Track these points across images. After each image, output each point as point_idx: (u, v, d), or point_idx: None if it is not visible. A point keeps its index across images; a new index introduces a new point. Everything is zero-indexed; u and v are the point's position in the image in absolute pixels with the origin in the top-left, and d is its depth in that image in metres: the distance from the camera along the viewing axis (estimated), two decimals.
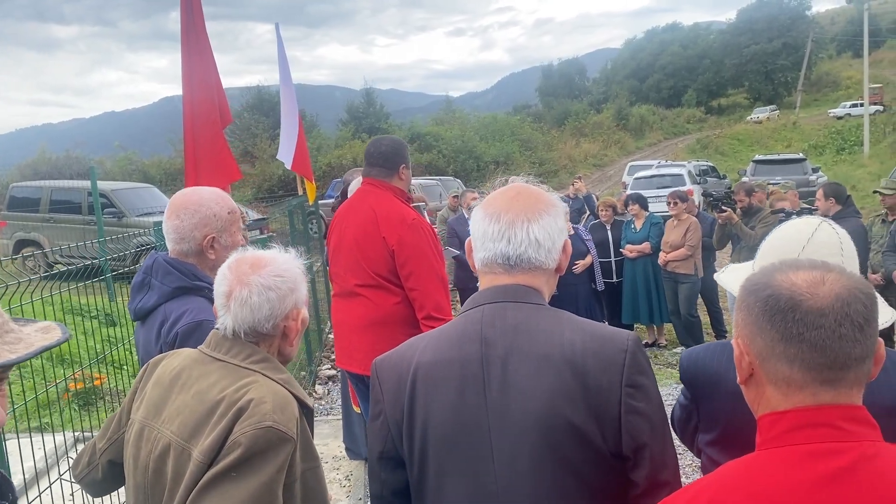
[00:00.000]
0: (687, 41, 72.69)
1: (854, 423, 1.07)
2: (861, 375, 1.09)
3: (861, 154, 35.04)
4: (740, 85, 69.31)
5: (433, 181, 21.21)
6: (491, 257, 1.55)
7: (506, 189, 1.64)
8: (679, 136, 53.20)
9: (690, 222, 7.65)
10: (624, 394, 1.41)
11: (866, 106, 37.53)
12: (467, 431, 1.45)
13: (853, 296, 1.08)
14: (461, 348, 1.50)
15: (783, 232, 1.72)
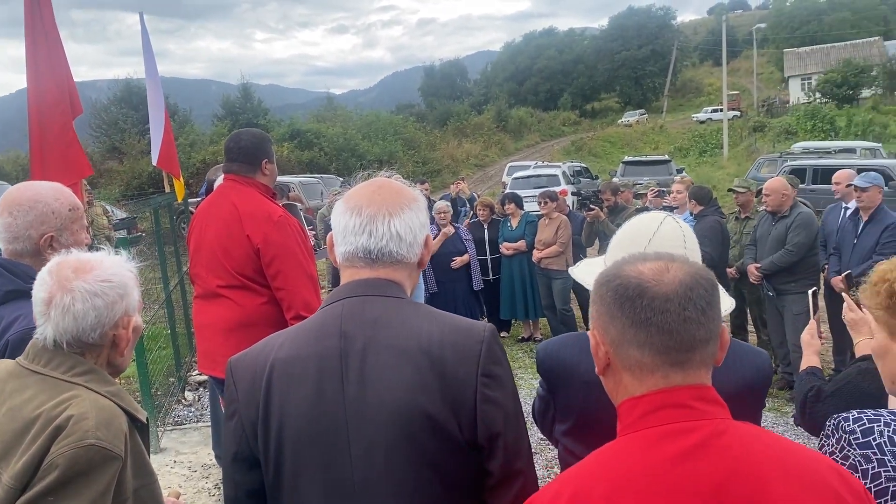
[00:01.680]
0: (563, 46, 75.29)
1: (704, 403, 1.13)
2: (706, 357, 1.15)
3: (721, 156, 37.53)
4: (612, 89, 72.54)
5: (314, 179, 20.87)
6: (352, 251, 1.54)
7: (367, 183, 1.63)
8: (555, 138, 55.01)
9: (561, 220, 7.90)
10: (479, 383, 1.42)
11: (725, 112, 40.23)
12: (324, 427, 1.43)
13: (695, 281, 1.14)
14: (319, 343, 1.47)
15: (631, 226, 1.80)
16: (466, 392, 1.42)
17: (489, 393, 1.43)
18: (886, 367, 1.64)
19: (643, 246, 1.69)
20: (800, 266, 6.12)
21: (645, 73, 67.96)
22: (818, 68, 52.85)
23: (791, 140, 32.56)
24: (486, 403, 1.43)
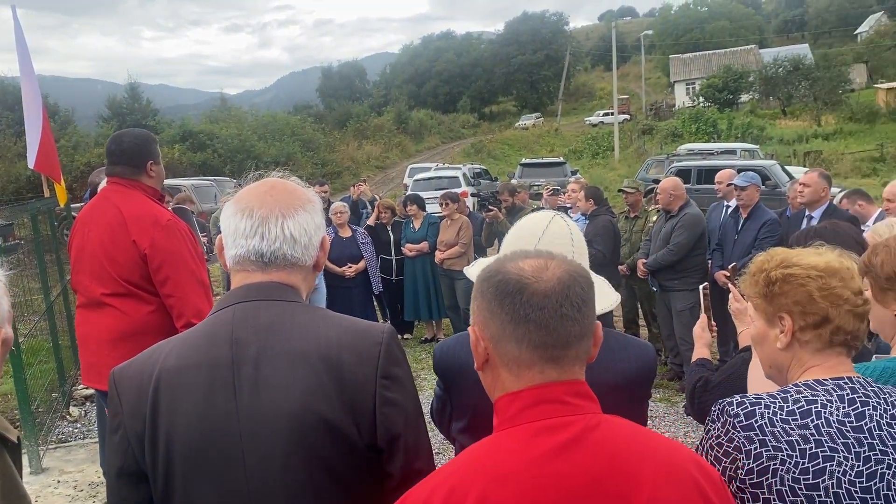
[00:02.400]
0: (460, 49, 76.22)
1: (578, 398, 1.16)
2: (581, 353, 1.19)
3: (613, 158, 38.99)
4: (509, 93, 74.05)
5: (208, 181, 20.20)
6: (244, 254, 1.49)
7: (259, 184, 1.58)
8: (455, 141, 55.60)
9: (462, 221, 7.98)
10: (379, 385, 1.42)
11: (616, 115, 41.85)
12: (216, 439, 1.38)
13: (573, 279, 1.17)
14: (209, 351, 1.42)
15: (521, 226, 1.84)
16: (365, 395, 1.40)
17: (388, 395, 1.42)
18: (764, 352, 1.73)
19: (533, 244, 1.75)
20: (683, 264, 6.39)
21: (540, 77, 69.73)
22: (701, 74, 55.82)
23: (678, 142, 34.18)
24: (385, 405, 1.42)
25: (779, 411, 1.51)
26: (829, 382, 1.56)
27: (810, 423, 1.50)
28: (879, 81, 49.14)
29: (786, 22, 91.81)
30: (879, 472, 1.48)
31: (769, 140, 36.02)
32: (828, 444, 1.48)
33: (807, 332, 1.60)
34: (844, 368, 1.61)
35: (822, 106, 42.97)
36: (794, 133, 38.36)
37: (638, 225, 7.33)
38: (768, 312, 1.67)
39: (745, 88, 48.76)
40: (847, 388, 1.55)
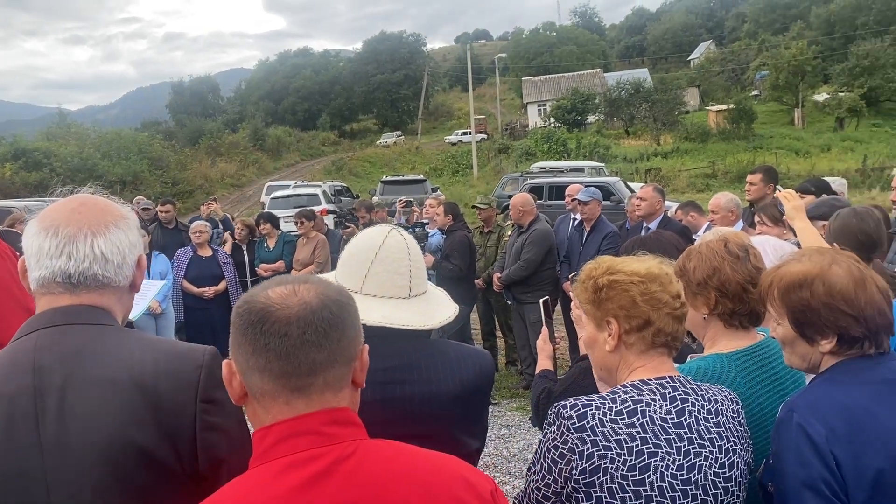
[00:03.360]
0: (319, 67, 75.66)
1: (335, 426, 1.12)
2: (333, 380, 1.13)
3: (472, 175, 39.95)
4: (370, 111, 74.26)
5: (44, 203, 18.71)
6: (49, 276, 1.39)
7: (66, 200, 1.48)
8: (315, 158, 54.92)
9: (319, 239, 7.85)
10: (199, 410, 1.35)
11: (473, 134, 43.00)
12: (14, 475, 1.26)
13: (322, 303, 1.12)
14: (8, 382, 1.31)
15: (358, 241, 1.81)
16: (184, 421, 1.33)
17: (210, 419, 1.36)
18: (595, 356, 1.80)
19: (370, 260, 1.74)
20: (535, 277, 6.63)
21: (400, 96, 70.45)
22: (551, 95, 58.50)
23: (531, 160, 35.57)
24: (206, 431, 1.35)
25: (608, 412, 1.57)
26: (653, 382, 1.64)
27: (636, 421, 1.57)
28: (710, 104, 53.63)
29: (627, 47, 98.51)
30: (698, 464, 1.57)
31: (614, 158, 38.30)
32: (652, 440, 1.55)
33: (632, 334, 1.68)
34: (667, 368, 1.70)
35: (660, 126, 46.22)
36: (637, 152, 41.08)
37: (492, 240, 7.51)
38: (597, 317, 1.74)
39: (591, 110, 51.57)
40: (669, 387, 1.64)
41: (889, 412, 1.62)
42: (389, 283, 1.74)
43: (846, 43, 58.04)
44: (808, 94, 50.09)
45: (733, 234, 2.18)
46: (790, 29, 61.04)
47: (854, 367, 1.69)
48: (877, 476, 1.56)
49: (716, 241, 2.07)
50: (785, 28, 64.97)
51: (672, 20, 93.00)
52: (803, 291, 1.69)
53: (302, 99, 71.00)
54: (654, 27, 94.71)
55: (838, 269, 1.69)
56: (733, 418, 1.68)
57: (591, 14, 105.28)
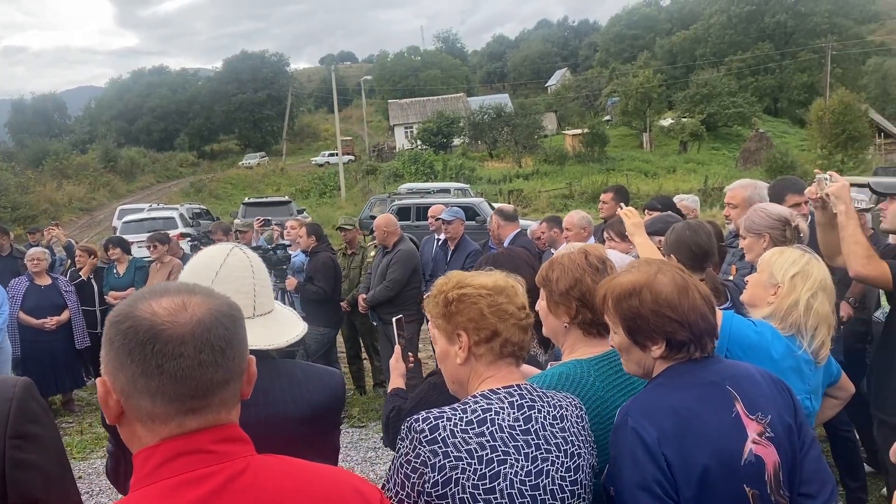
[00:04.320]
0: (176, 85, 72.70)
1: (226, 444, 1.07)
2: (228, 397, 1.10)
3: (339, 197, 39.65)
4: (231, 131, 72.08)
5: None
6: None
7: None
8: (173, 180, 52.57)
9: (174, 264, 7.50)
10: (8, 447, 1.25)
11: (340, 156, 42.77)
12: None
13: (215, 319, 1.07)
14: None
15: (198, 259, 1.76)
16: None
17: (21, 456, 1.26)
18: (447, 369, 1.82)
19: (210, 279, 1.70)
20: (400, 298, 6.65)
21: (263, 116, 68.93)
22: (417, 118, 59.30)
23: (399, 181, 35.85)
24: (16, 468, 1.25)
25: (459, 422, 1.59)
26: (502, 391, 1.69)
27: (486, 430, 1.60)
28: (567, 128, 56.34)
29: (489, 73, 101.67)
30: (545, 469, 1.62)
31: (479, 180, 39.34)
32: (501, 448, 1.59)
33: (480, 346, 1.72)
34: (515, 377, 1.75)
35: (522, 149, 47.97)
36: (500, 173, 42.41)
37: (356, 261, 7.47)
38: (448, 331, 1.77)
39: (456, 133, 52.74)
40: (517, 395, 1.69)
41: (712, 412, 1.74)
42: None
43: (687, 72, 62.88)
44: (655, 120, 53.67)
45: (593, 247, 2.27)
46: (637, 58, 65.26)
47: (682, 370, 1.81)
48: (703, 473, 1.67)
49: (577, 253, 2.16)
50: (633, 57, 69.38)
51: (530, 48, 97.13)
52: (633, 300, 1.79)
53: (158, 118, 67.89)
54: (513, 54, 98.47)
55: (663, 277, 1.80)
56: (577, 423, 1.74)
57: (454, 40, 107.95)
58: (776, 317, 2.35)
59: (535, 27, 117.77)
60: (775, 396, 1.85)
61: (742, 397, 1.78)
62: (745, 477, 1.71)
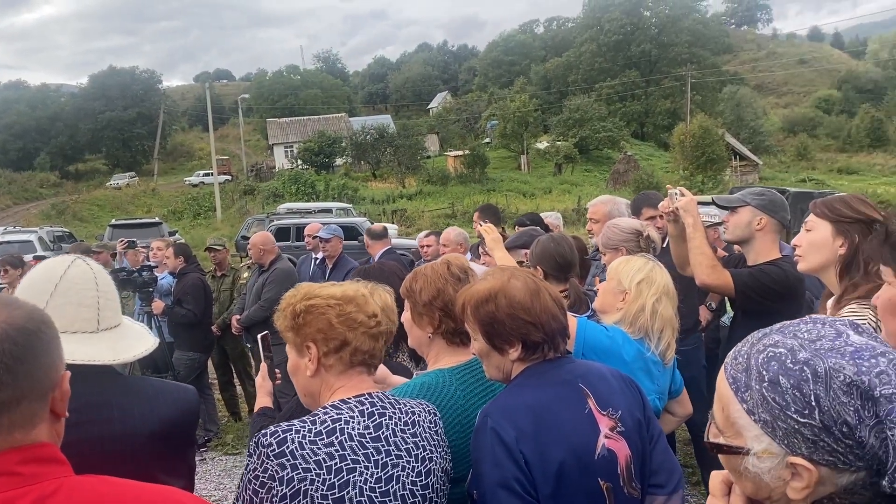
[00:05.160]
0: (35, 101, 68.39)
1: (33, 465, 1.01)
2: (21, 419, 1.02)
3: (215, 218, 38.37)
4: (98, 150, 68.42)
5: None
6: None
7: None
8: (32, 201, 49.21)
9: None
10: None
11: (216, 176, 41.46)
12: None
13: (4, 334, 1.00)
14: None
15: (36, 272, 1.69)
16: None
17: None
18: (299, 382, 1.80)
19: (49, 292, 1.64)
20: None
21: (133, 135, 65.88)
22: (298, 138, 58.49)
23: (279, 202, 35.13)
24: None
25: (308, 433, 1.57)
26: (352, 400, 1.68)
27: (335, 440, 1.58)
28: (449, 150, 57.30)
29: (371, 94, 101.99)
30: (395, 475, 1.62)
31: (362, 200, 39.23)
32: (350, 457, 1.58)
33: (330, 356, 1.71)
34: (366, 385, 1.75)
35: (405, 170, 48.30)
36: (384, 194, 42.50)
37: (226, 283, 7.22)
38: (297, 343, 1.76)
39: (338, 153, 52.43)
40: (367, 403, 1.69)
41: (567, 409, 1.81)
42: (74, 315, 1.63)
43: (561, 97, 65.62)
44: (532, 142, 55.53)
45: (455, 257, 2.32)
46: (514, 83, 67.42)
47: (538, 371, 1.87)
48: (559, 468, 1.73)
49: (440, 264, 2.20)
50: (510, 82, 71.62)
51: (411, 70, 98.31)
52: (489, 305, 1.85)
53: (15, 136, 63.47)
54: (395, 76, 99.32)
55: (516, 282, 1.87)
56: (430, 428, 1.76)
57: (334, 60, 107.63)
58: (625, 321, 2.48)
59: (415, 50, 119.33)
60: (625, 393, 1.94)
61: (594, 394, 1.86)
62: (598, 470, 1.78)
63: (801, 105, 78.77)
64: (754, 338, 0.99)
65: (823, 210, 2.41)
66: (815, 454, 0.90)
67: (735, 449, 0.97)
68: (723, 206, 3.22)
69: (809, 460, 0.90)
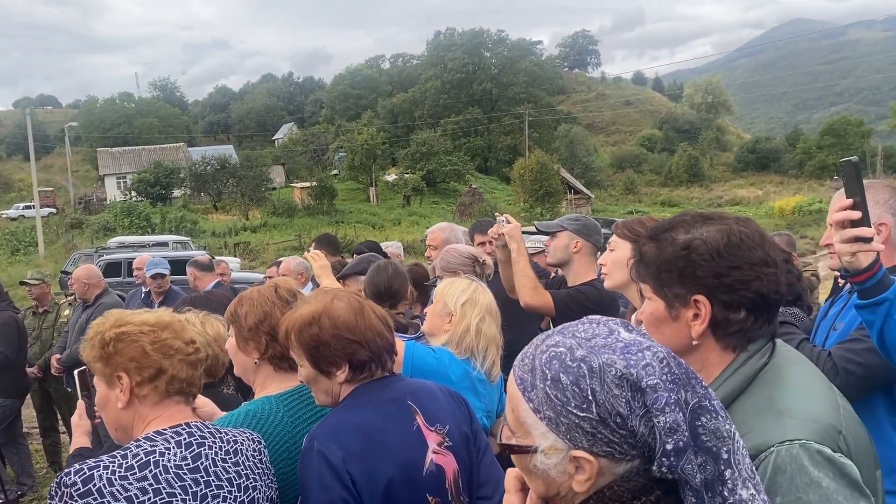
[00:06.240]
0: None
1: None
2: None
3: (37, 254, 35.29)
4: None
5: None
6: None
7: None
8: None
9: None
10: None
11: (38, 208, 38.27)
12: None
13: None
14: None
15: None
16: None
17: None
18: (108, 416, 1.71)
19: None
20: None
21: None
22: (132, 168, 55.33)
23: (111, 235, 32.96)
24: None
25: (118, 469, 1.50)
26: (168, 431, 1.61)
27: (149, 473, 1.51)
28: (295, 181, 56.41)
29: (212, 124, 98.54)
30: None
31: (203, 233, 37.64)
32: (166, 490, 1.51)
33: (144, 386, 1.64)
34: (183, 416, 1.69)
35: (248, 202, 46.96)
36: (226, 226, 41.02)
37: (48, 320, 6.67)
38: (107, 374, 1.66)
39: (177, 184, 50.13)
40: (185, 434, 1.62)
41: (395, 426, 1.84)
42: None
43: (408, 131, 66.75)
44: (380, 175, 55.95)
45: (283, 280, 2.29)
46: (362, 116, 67.81)
47: (366, 390, 1.89)
48: (388, 486, 1.75)
49: (267, 287, 2.16)
50: (358, 115, 71.95)
51: (255, 101, 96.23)
52: (313, 328, 1.84)
53: None
54: (238, 106, 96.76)
55: (340, 303, 1.88)
56: (253, 457, 1.73)
57: (172, 88, 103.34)
58: (452, 343, 2.55)
59: (259, 80, 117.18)
60: (453, 408, 2.00)
61: (422, 410, 1.90)
62: (427, 486, 1.81)
63: (627, 143, 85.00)
64: (539, 339, 1.06)
65: (624, 231, 2.63)
66: (594, 446, 0.97)
67: (524, 448, 1.02)
68: (543, 231, 3.42)
69: (590, 452, 0.97)
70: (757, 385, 1.33)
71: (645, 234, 1.47)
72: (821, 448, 1.20)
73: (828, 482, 1.18)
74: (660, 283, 1.40)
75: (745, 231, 1.36)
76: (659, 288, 1.41)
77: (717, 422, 0.96)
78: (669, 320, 1.40)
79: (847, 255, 1.70)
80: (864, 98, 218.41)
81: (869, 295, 1.74)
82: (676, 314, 1.39)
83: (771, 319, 1.38)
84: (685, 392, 0.96)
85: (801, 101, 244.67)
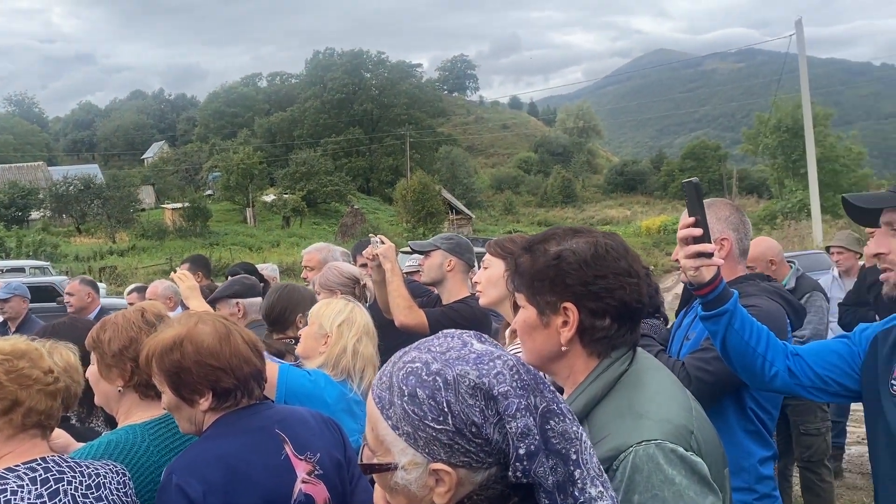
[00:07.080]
0: None
1: None
2: None
3: None
4: None
5: None
6: None
7: None
8: None
9: None
10: None
11: None
12: None
13: None
14: None
15: None
16: None
17: None
18: None
19: None
20: None
21: None
22: None
23: None
24: None
25: None
26: (22, 467, 1.51)
27: None
28: (166, 202, 54.06)
29: (75, 142, 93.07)
30: None
31: (64, 257, 35.38)
32: None
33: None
34: (39, 450, 1.58)
35: (115, 224, 44.57)
36: (90, 250, 38.74)
37: None
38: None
39: (35, 205, 46.92)
40: (41, 469, 1.52)
41: (261, 457, 1.78)
42: None
43: (287, 151, 65.66)
44: (258, 195, 54.62)
45: (150, 304, 2.21)
46: (238, 135, 66.10)
47: (231, 419, 1.82)
48: None
49: (132, 311, 2.08)
50: (233, 134, 70.12)
51: (123, 118, 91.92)
52: (174, 353, 1.76)
53: None
54: (104, 123, 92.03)
55: (204, 327, 1.81)
56: (118, 490, 1.64)
57: (30, 104, 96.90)
58: (329, 364, 2.52)
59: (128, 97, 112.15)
60: (324, 434, 1.96)
61: (291, 439, 1.85)
62: None
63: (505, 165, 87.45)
64: (396, 356, 1.08)
65: (496, 249, 2.71)
66: (452, 458, 0.99)
67: (384, 466, 1.02)
68: (417, 250, 3.45)
69: (448, 464, 0.99)
70: (618, 390, 1.40)
71: (520, 246, 1.53)
72: (674, 447, 1.28)
73: (680, 479, 1.26)
74: (533, 291, 1.46)
75: (610, 243, 1.45)
76: (532, 296, 1.47)
77: (564, 424, 1.00)
78: (541, 327, 1.46)
79: (691, 269, 1.83)
80: (720, 124, 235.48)
81: (711, 307, 1.87)
82: (547, 321, 1.45)
83: (633, 328, 1.46)
84: (534, 397, 0.99)
85: (664, 127, 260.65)
